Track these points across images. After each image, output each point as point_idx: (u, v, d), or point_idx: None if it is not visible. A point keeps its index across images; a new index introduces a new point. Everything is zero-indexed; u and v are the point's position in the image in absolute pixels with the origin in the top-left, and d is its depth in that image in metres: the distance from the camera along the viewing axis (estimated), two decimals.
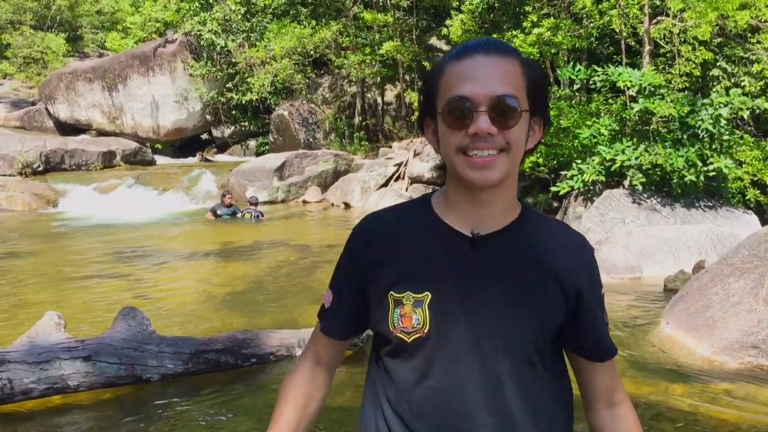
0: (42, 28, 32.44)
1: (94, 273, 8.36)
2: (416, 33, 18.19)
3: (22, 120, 22.86)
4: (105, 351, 4.24)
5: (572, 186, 9.20)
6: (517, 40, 11.54)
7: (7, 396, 3.98)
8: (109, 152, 18.62)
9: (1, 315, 6.44)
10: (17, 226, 12.71)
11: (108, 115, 21.80)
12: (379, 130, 19.89)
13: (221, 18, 20.34)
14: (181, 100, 21.22)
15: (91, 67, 22.50)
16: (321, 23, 19.01)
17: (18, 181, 15.82)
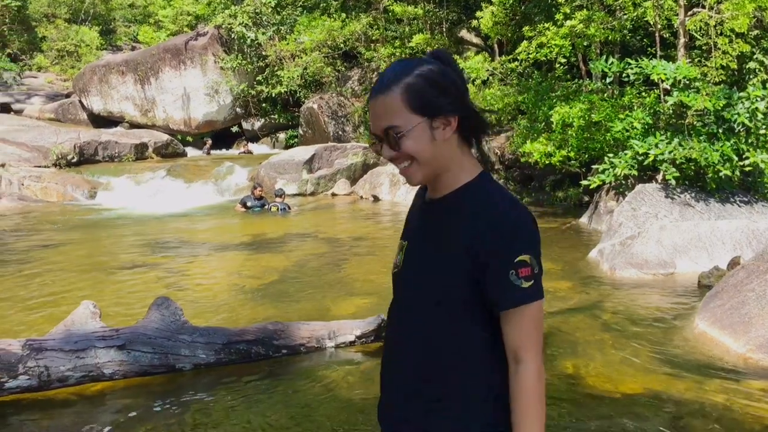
0: (76, 21, 32.90)
1: (127, 263, 8.48)
2: (446, 25, 18.09)
3: (57, 112, 23.24)
4: (139, 340, 4.31)
5: (604, 180, 9.10)
6: (549, 32, 11.43)
7: (44, 383, 4.07)
8: (141, 144, 18.84)
9: (38, 304, 6.56)
10: (52, 216, 12.93)
11: (140, 107, 22.05)
12: None
13: (252, 11, 20.43)
14: (212, 93, 21.37)
15: (123, 60, 22.77)
16: (351, 16, 19.00)
17: (53, 172, 16.09)
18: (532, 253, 1.54)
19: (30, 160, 16.56)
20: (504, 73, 13.58)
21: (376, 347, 4.97)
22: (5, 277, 7.75)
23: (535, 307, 1.53)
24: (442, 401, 1.57)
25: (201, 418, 3.94)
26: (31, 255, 9.11)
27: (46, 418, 3.98)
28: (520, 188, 13.84)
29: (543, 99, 11.43)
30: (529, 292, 1.52)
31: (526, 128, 11.82)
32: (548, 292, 6.53)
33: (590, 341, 5.14)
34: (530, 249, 1.54)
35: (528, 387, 1.50)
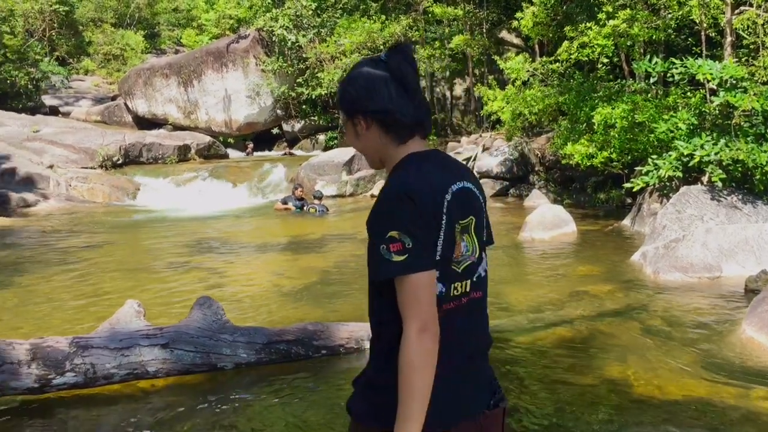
0: (122, 25, 33.60)
1: (170, 263, 8.62)
2: (486, 26, 18.00)
3: (103, 115, 23.76)
4: (182, 339, 4.38)
5: (647, 182, 8.95)
6: (591, 32, 11.28)
7: (90, 380, 4.16)
8: (184, 146, 19.15)
9: (84, 302, 6.72)
10: (97, 217, 13.22)
11: (183, 109, 22.41)
12: (448, 125, 19.79)
13: (293, 14, 20.60)
14: (253, 95, 21.61)
15: (167, 64, 23.16)
16: (390, 18, 19.04)
17: (99, 173, 16.45)
18: (400, 229, 1.62)
19: (77, 161, 16.97)
20: (545, 74, 13.44)
21: None
22: (53, 275, 7.95)
23: (411, 279, 1.61)
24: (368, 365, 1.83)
25: (241, 417, 3.98)
26: (78, 254, 9.33)
27: (92, 414, 4.07)
28: (561, 190, 13.69)
29: (585, 100, 11.28)
30: (402, 265, 1.61)
31: (567, 129, 11.68)
32: (589, 294, 6.46)
33: (633, 345, 5.06)
34: (398, 226, 1.63)
35: (402, 355, 1.61)
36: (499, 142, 15.59)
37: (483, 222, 1.85)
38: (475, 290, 1.80)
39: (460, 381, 1.75)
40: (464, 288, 1.77)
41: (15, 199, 14.12)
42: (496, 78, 16.32)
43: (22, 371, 3.97)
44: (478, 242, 1.82)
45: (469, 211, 1.78)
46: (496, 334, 5.36)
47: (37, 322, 6.00)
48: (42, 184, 15.17)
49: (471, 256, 1.78)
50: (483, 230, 1.85)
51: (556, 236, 9.35)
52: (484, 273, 1.85)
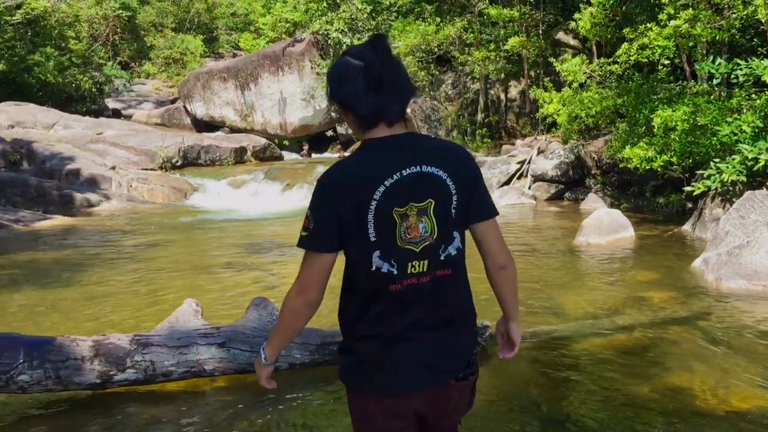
0: (182, 30, 34.39)
1: (226, 263, 8.77)
2: (543, 28, 17.77)
3: (163, 117, 24.36)
4: (238, 338, 4.44)
5: (709, 186, 8.70)
6: (651, 33, 11.02)
7: (150, 377, 4.26)
8: (240, 148, 19.48)
9: (143, 300, 6.89)
10: (156, 217, 13.55)
11: (240, 112, 22.79)
12: (502, 127, 19.62)
13: (348, 17, 20.75)
14: (308, 98, 21.84)
15: (225, 67, 23.61)
16: (445, 20, 18.98)
17: (158, 174, 16.87)
18: (311, 211, 1.91)
19: (138, 163, 17.44)
20: (602, 76, 13.20)
21: None
22: (114, 274, 8.18)
23: (306, 254, 1.94)
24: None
25: (295, 417, 4.02)
26: (137, 254, 9.57)
27: (150, 410, 4.16)
28: (618, 194, 13.42)
29: (644, 102, 11.04)
30: (302, 240, 1.93)
31: (626, 132, 11.45)
32: (648, 301, 6.31)
33: (694, 355, 4.92)
34: (311, 207, 1.92)
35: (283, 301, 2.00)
36: (555, 144, 15.38)
37: (451, 204, 1.94)
38: (440, 268, 1.96)
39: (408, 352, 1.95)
40: (422, 267, 1.93)
41: (79, 199, 14.58)
42: (552, 80, 16.10)
43: (86, 367, 4.09)
44: (441, 223, 1.93)
45: (421, 196, 1.90)
46: (552, 340, 5.29)
47: (99, 319, 6.17)
48: (104, 184, 15.64)
49: (429, 237, 1.92)
50: (451, 212, 1.95)
51: (613, 241, 9.17)
52: (455, 252, 1.98)
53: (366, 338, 1.97)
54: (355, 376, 2.01)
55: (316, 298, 1.97)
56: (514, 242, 9.80)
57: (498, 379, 4.55)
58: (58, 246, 10.30)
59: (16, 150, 16.39)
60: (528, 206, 13.55)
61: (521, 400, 4.21)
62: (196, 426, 3.92)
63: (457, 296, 2.04)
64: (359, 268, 1.95)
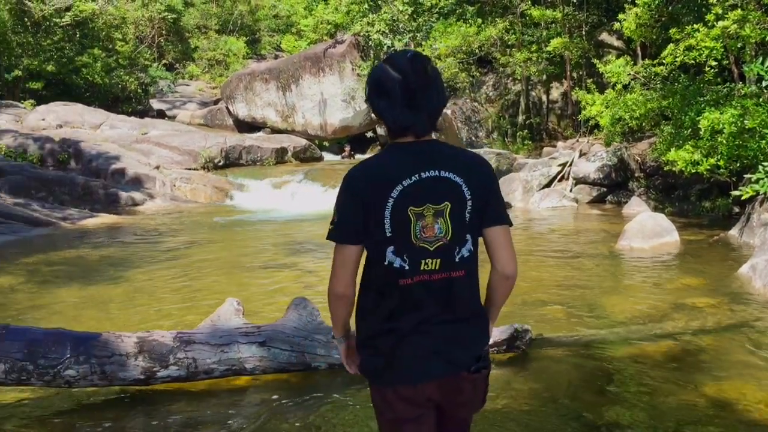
0: (225, 32, 34.84)
1: (266, 263, 8.85)
2: (586, 28, 17.55)
3: (206, 118, 24.69)
4: (278, 338, 4.48)
5: (758, 190, 8.48)
6: (698, 34, 10.79)
7: (192, 374, 4.32)
8: (281, 149, 19.65)
9: (185, 298, 7.00)
10: (198, 216, 13.74)
11: (281, 113, 22.99)
12: (543, 129, 19.44)
13: (389, 19, 20.77)
14: (348, 99, 21.92)
15: (267, 69, 23.83)
16: (487, 21, 18.88)
17: (201, 174, 17.10)
18: (337, 205, 2.09)
19: (181, 162, 17.70)
20: (647, 77, 12.98)
21: (508, 357, 4.90)
22: (158, 271, 8.32)
23: (335, 246, 2.10)
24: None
25: (334, 417, 4.04)
26: (180, 252, 9.73)
27: (192, 407, 4.22)
28: (662, 197, 13.18)
29: (690, 104, 10.82)
30: (329, 232, 2.10)
31: (671, 135, 11.23)
32: (693, 307, 6.18)
33: (742, 363, 4.81)
34: (338, 202, 2.09)
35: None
36: (597, 147, 15.17)
37: (466, 209, 2.08)
38: (454, 269, 2.09)
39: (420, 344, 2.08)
40: (434, 265, 2.06)
41: (124, 198, 14.87)
42: (595, 81, 15.90)
43: (130, 363, 4.17)
44: (455, 226, 2.07)
45: (437, 198, 2.05)
46: (594, 346, 5.22)
47: (142, 316, 6.29)
48: (149, 183, 15.91)
49: (443, 238, 2.06)
50: (465, 216, 2.09)
51: (656, 246, 9.00)
52: (468, 253, 2.11)
53: (380, 333, 2.11)
54: (373, 368, 2.15)
55: (344, 291, 2.12)
56: (555, 245, 9.69)
57: (538, 384, 4.50)
58: (103, 244, 10.52)
59: (64, 149, 16.78)
60: (569, 209, 13.39)
61: (561, 406, 4.16)
62: (237, 424, 3.97)
63: (469, 297, 2.16)
64: (374, 263, 2.11)
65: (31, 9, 21.44)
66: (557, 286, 7.22)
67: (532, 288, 7.07)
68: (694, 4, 12.44)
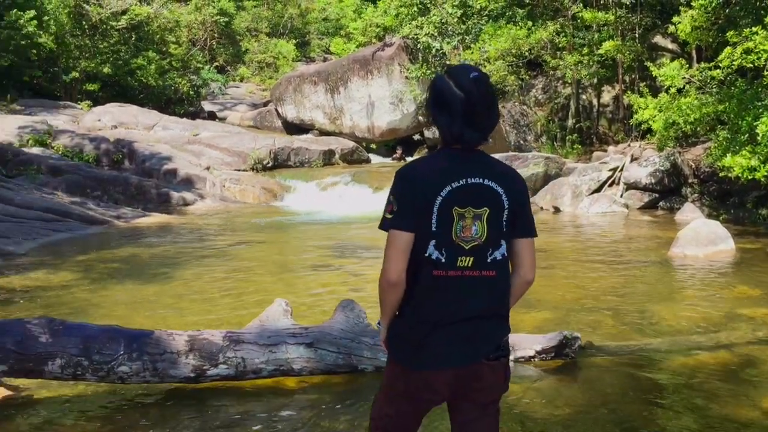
0: (275, 35, 35.27)
1: (313, 264, 8.92)
2: (639, 31, 17.22)
3: (255, 120, 25.02)
4: (325, 339, 4.51)
5: None
6: (757, 37, 10.50)
7: (240, 374, 4.38)
8: (329, 151, 19.79)
9: (233, 298, 7.10)
10: (247, 217, 13.93)
11: (329, 115, 23.15)
12: (594, 133, 19.14)
13: (438, 21, 20.73)
14: (396, 102, 21.95)
15: (316, 71, 24.03)
16: (537, 24, 18.68)
17: (250, 175, 17.35)
18: (393, 195, 2.23)
19: (231, 163, 17.99)
20: (702, 81, 12.68)
21: (556, 365, 4.84)
22: (207, 271, 8.47)
23: (391, 233, 2.24)
24: None
25: None
26: (229, 252, 9.88)
27: (240, 406, 4.27)
28: (717, 204, 12.86)
29: (747, 109, 10.53)
30: (386, 222, 2.24)
31: (727, 140, 10.96)
32: (749, 318, 6.01)
33: None
34: (394, 194, 2.24)
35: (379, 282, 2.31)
36: (650, 152, 14.87)
37: (503, 216, 2.27)
38: (486, 269, 2.27)
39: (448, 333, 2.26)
40: (468, 263, 2.25)
41: (175, 198, 15.18)
42: (648, 85, 15.59)
43: (181, 361, 4.25)
44: (491, 230, 2.26)
45: (479, 203, 2.24)
46: (644, 355, 5.12)
47: (192, 314, 6.40)
48: (199, 184, 16.21)
49: (479, 239, 2.25)
50: (502, 223, 2.28)
51: (711, 254, 8.78)
52: (501, 257, 2.30)
53: (412, 324, 2.31)
54: (400, 351, 2.35)
55: (398, 279, 2.25)
56: (605, 251, 9.53)
57: (586, 393, 4.44)
58: (155, 242, 10.75)
59: (119, 149, 17.22)
60: (619, 215, 13.16)
61: (609, 415, 4.08)
62: (284, 423, 4.00)
63: (496, 296, 2.33)
64: (415, 254, 2.25)
65: (89, 12, 22.05)
66: (607, 293, 7.10)
67: (582, 295, 6.97)
68: (753, 6, 12.10)
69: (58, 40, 21.41)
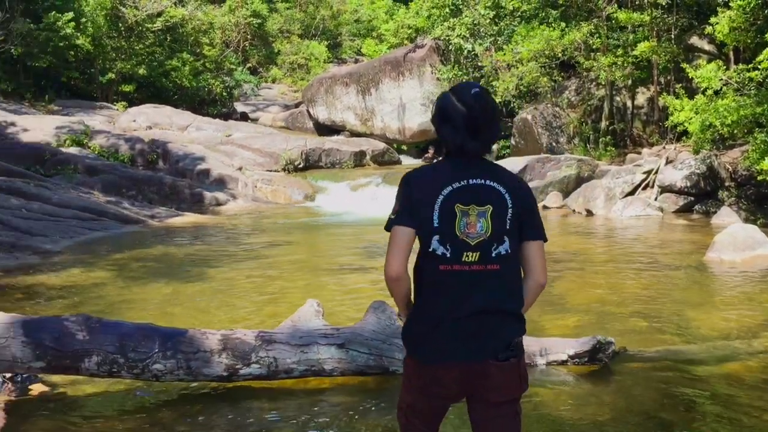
0: (307, 36, 35.44)
1: (344, 265, 8.95)
2: (675, 32, 16.97)
3: (287, 121, 25.17)
4: (357, 340, 4.52)
5: None
6: None
7: (272, 373, 4.41)
8: (360, 152, 19.83)
9: (265, 297, 7.16)
10: (279, 217, 14.02)
11: (360, 117, 23.20)
12: (628, 136, 18.89)
13: (470, 23, 20.67)
14: (427, 104, 21.90)
15: (347, 72, 24.10)
16: (571, 25, 18.50)
17: (281, 176, 17.45)
18: (396, 198, 2.40)
19: (263, 164, 18.11)
20: (740, 83, 12.44)
21: (589, 370, 4.79)
22: (240, 271, 8.54)
23: (393, 229, 2.36)
24: None
25: None
26: (260, 252, 9.95)
27: (272, 405, 4.31)
28: (755, 208, 12.61)
29: None
30: (389, 221, 2.38)
31: (765, 143, 10.75)
32: None
33: None
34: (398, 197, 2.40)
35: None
36: (685, 154, 14.64)
37: (507, 215, 2.36)
38: (489, 263, 2.34)
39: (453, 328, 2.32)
40: (474, 257, 2.33)
41: (208, 198, 15.34)
42: (684, 87, 15.34)
43: (214, 360, 4.29)
44: (495, 226, 2.34)
45: (482, 201, 2.34)
46: (680, 361, 5.04)
47: (224, 313, 6.46)
48: (231, 184, 16.35)
49: (484, 234, 2.33)
50: (506, 221, 2.36)
51: (749, 258, 8.60)
52: (505, 252, 2.36)
53: (420, 314, 2.40)
54: (411, 344, 2.43)
55: (398, 273, 2.34)
56: (639, 255, 9.41)
57: (619, 400, 4.38)
58: (188, 242, 10.87)
59: (153, 150, 17.45)
60: (654, 218, 12.98)
61: (643, 424, 4.03)
62: (316, 423, 4.02)
63: (501, 291, 2.37)
64: (421, 251, 2.38)
65: (125, 15, 22.38)
66: (642, 297, 7.01)
67: (616, 299, 6.89)
68: None
69: (95, 41, 21.76)
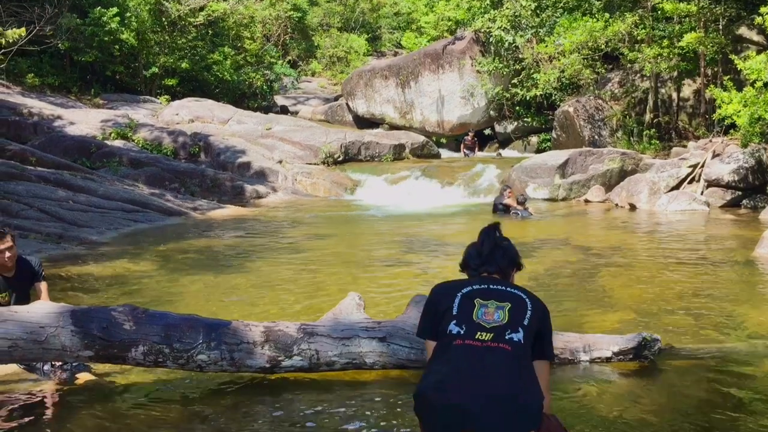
0: (347, 29, 35.52)
1: (384, 258, 8.95)
2: (723, 22, 16.55)
3: (326, 114, 25.28)
4: (398, 334, 4.51)
5: None
6: None
7: (314, 365, 4.43)
8: (399, 145, 19.80)
9: (305, 290, 7.19)
10: (318, 210, 14.09)
11: (400, 110, 23.17)
12: (673, 129, 18.53)
13: (511, 14, 20.47)
14: (467, 96, 21.80)
15: (387, 65, 24.09)
16: (615, 16, 18.19)
17: (321, 169, 17.54)
18: (422, 311, 2.85)
19: (302, 157, 18.22)
20: None
21: (634, 366, 4.71)
22: (280, 263, 8.61)
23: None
24: None
25: None
26: (300, 244, 10.01)
27: (313, 397, 4.33)
28: None
29: None
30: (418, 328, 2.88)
31: None
32: None
33: None
34: (423, 309, 2.83)
35: None
36: (733, 148, 14.30)
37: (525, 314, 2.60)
38: (501, 342, 2.51)
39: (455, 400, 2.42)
40: (487, 337, 2.53)
41: (249, 191, 15.49)
42: (732, 79, 14.98)
43: (257, 351, 4.33)
44: (512, 318, 2.58)
45: (501, 299, 2.64)
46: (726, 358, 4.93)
47: (266, 305, 6.51)
48: (272, 177, 16.49)
49: (500, 322, 2.57)
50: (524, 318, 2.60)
51: None
52: (518, 340, 2.53)
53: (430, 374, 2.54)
54: (416, 404, 2.55)
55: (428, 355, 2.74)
56: (685, 251, 9.22)
57: (664, 398, 4.30)
58: (230, 234, 10.99)
59: (195, 143, 17.68)
60: (700, 213, 12.70)
61: (689, 423, 3.94)
62: (357, 416, 4.03)
63: (511, 374, 2.46)
64: (441, 332, 2.63)
65: (168, 9, 22.69)
66: (688, 294, 6.87)
67: (661, 295, 6.76)
68: None
69: (139, 36, 22.12)
